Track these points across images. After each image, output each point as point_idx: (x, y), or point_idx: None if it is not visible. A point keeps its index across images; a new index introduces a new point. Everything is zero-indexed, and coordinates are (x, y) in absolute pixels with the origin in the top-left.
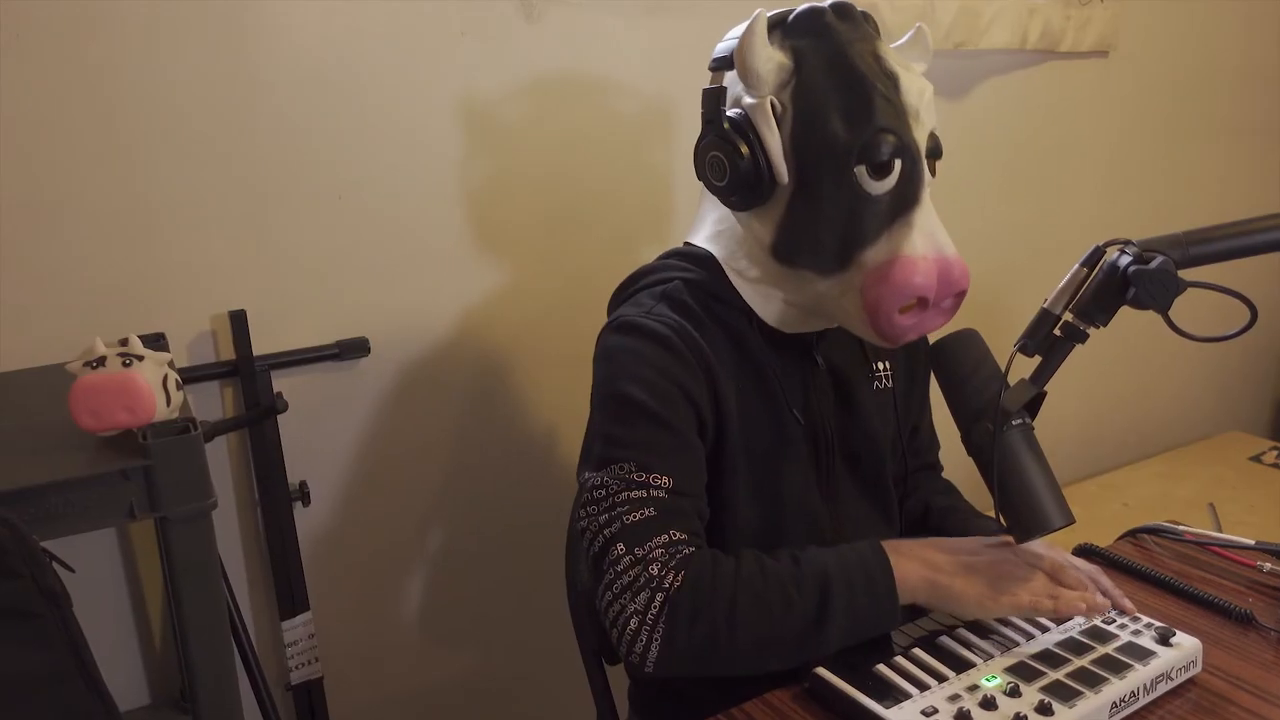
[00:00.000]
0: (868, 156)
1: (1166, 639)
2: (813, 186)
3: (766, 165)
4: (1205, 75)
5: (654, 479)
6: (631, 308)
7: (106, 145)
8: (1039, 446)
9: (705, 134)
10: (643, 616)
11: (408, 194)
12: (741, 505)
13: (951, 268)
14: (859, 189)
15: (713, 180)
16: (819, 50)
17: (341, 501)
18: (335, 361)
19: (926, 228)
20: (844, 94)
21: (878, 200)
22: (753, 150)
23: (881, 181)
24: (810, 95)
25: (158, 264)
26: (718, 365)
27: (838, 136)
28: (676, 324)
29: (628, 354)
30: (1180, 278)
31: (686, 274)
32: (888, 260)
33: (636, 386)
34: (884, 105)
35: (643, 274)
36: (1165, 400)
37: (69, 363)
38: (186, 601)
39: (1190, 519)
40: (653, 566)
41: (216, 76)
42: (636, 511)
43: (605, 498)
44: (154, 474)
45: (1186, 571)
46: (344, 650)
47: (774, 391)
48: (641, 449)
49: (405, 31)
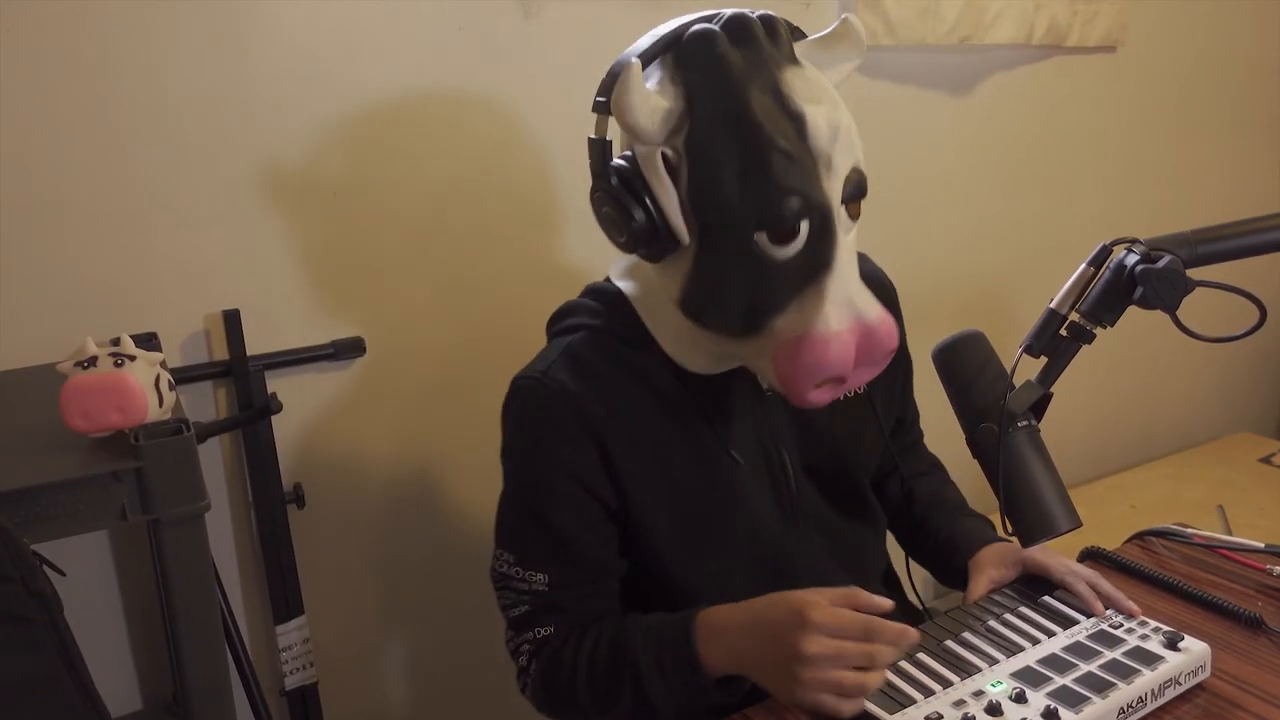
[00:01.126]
0: (768, 223)
1: (1175, 643)
2: (711, 250)
3: (664, 224)
4: (1214, 70)
5: (530, 575)
6: (535, 363)
7: (98, 142)
8: (1045, 449)
9: (595, 188)
10: (523, 688)
11: (404, 192)
12: (670, 562)
13: (873, 333)
14: (762, 255)
15: (612, 235)
16: (713, 91)
17: (337, 504)
18: (330, 361)
19: (840, 295)
20: (739, 151)
21: (784, 266)
22: (646, 207)
23: (786, 247)
24: (703, 151)
25: (150, 262)
26: (615, 431)
27: (732, 201)
28: (565, 390)
29: (522, 431)
30: (1188, 277)
31: (594, 320)
32: (799, 336)
33: (528, 478)
34: (783, 163)
35: (562, 314)
36: (1173, 401)
37: (60, 363)
38: (179, 605)
39: (1199, 521)
40: (522, 657)
41: (210, 73)
42: (517, 607)
43: (500, 584)
44: (146, 476)
45: (1195, 575)
46: (339, 655)
47: (702, 436)
48: (522, 544)
49: (402, 27)
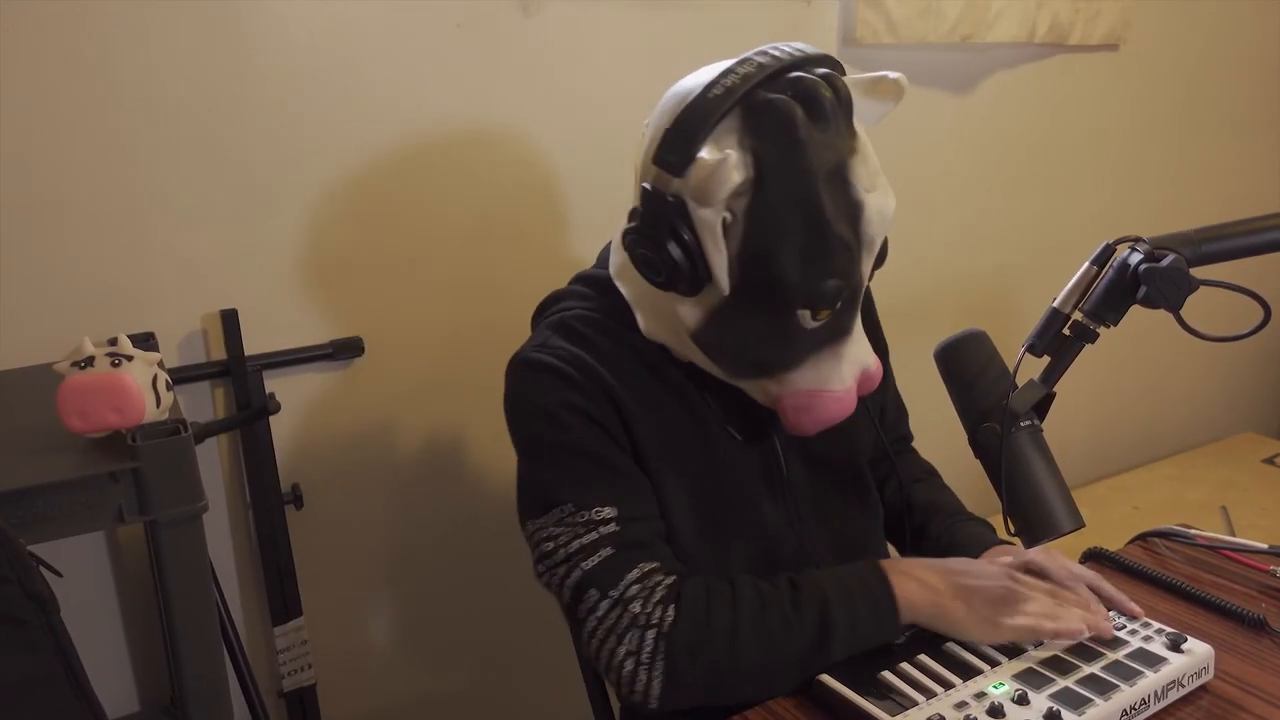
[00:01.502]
0: (813, 303)
1: (1178, 645)
2: (747, 307)
3: (706, 274)
4: (1218, 68)
5: (596, 513)
6: (530, 341)
7: (96, 141)
8: (1048, 448)
9: (640, 232)
10: (637, 656)
11: (403, 191)
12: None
13: (870, 379)
14: (795, 323)
15: (646, 273)
16: (784, 172)
17: (335, 505)
18: (329, 361)
19: (853, 356)
20: (803, 236)
21: (810, 331)
22: (694, 262)
23: (818, 318)
24: (767, 226)
25: (147, 262)
26: (623, 390)
27: (787, 279)
28: (570, 354)
29: (529, 391)
30: (1192, 276)
31: (586, 303)
32: (811, 391)
33: (547, 425)
34: (842, 257)
35: (549, 302)
36: (1177, 401)
37: (56, 363)
38: (177, 607)
39: (1202, 522)
40: (634, 605)
41: (209, 71)
42: (594, 554)
43: (555, 550)
44: (143, 476)
45: (1198, 576)
46: (337, 657)
47: (701, 412)
48: (574, 486)
49: (400, 25)
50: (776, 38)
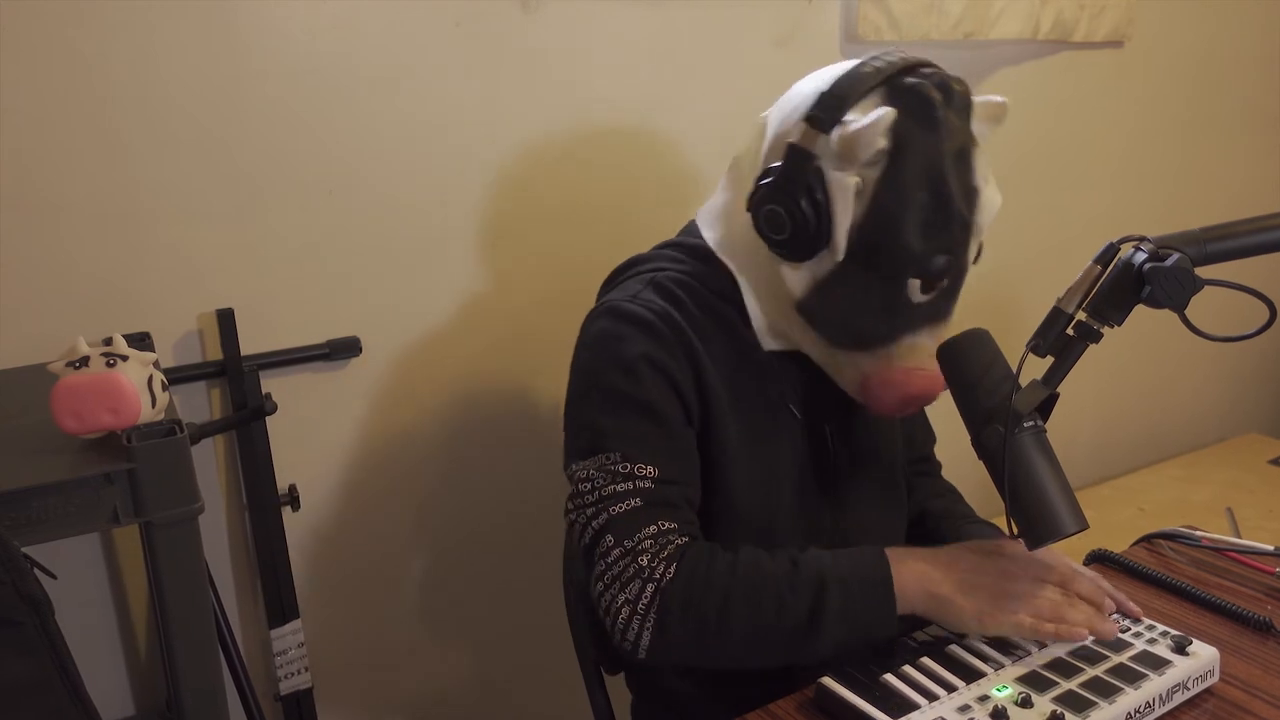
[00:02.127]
0: (925, 273)
1: (1183, 647)
2: (861, 273)
3: (828, 234)
4: (1224, 65)
5: (639, 469)
6: (618, 293)
7: (92, 139)
8: (1051, 450)
9: (778, 186)
10: (634, 606)
11: (401, 189)
12: (738, 497)
13: None
14: (904, 295)
15: (767, 230)
16: (919, 148)
17: (332, 506)
18: (326, 361)
19: (943, 335)
20: (929, 210)
21: (916, 307)
22: (820, 220)
23: (926, 294)
24: (896, 192)
25: (143, 261)
26: (704, 353)
27: (908, 249)
28: (660, 309)
29: (610, 339)
30: (1197, 276)
31: (680, 265)
32: (908, 370)
33: (620, 374)
34: (959, 231)
35: (633, 263)
36: (1182, 401)
37: (51, 363)
38: (172, 609)
39: (1207, 524)
40: (642, 558)
41: (206, 68)
42: (623, 503)
43: (591, 490)
44: (138, 477)
45: (1203, 578)
46: (334, 660)
47: (769, 387)
48: (627, 439)
49: (399, 22)
50: (778, 35)
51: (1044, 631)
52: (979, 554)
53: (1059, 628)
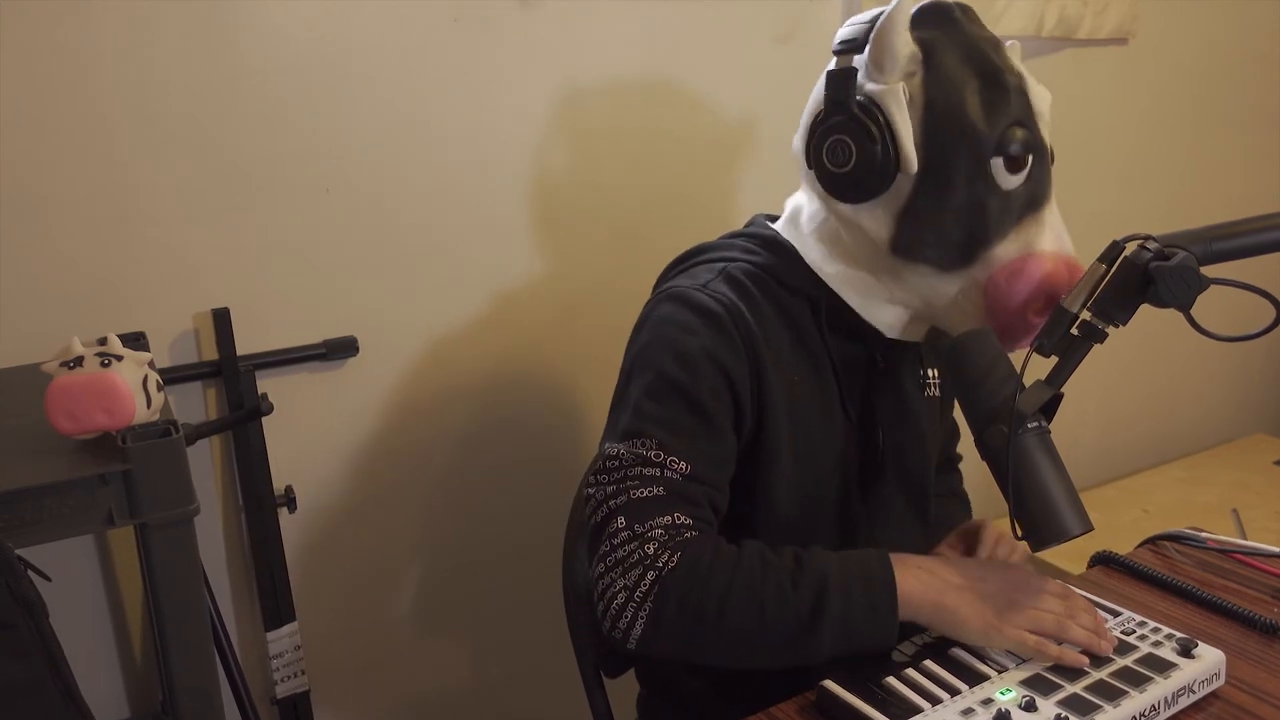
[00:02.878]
0: (1004, 148)
1: (1188, 650)
2: (942, 178)
3: (895, 152)
4: (1229, 62)
5: (671, 461)
6: (686, 279)
7: (85, 135)
8: (1056, 450)
9: (829, 115)
10: (631, 593)
11: (399, 187)
12: (781, 499)
13: (1074, 268)
14: (992, 182)
15: (832, 166)
16: (950, 41)
17: (329, 507)
18: (322, 362)
19: (1056, 226)
20: (981, 83)
21: (1009, 195)
22: (883, 135)
23: (1015, 176)
24: (945, 83)
25: (138, 260)
26: (767, 353)
27: (975, 126)
28: (730, 302)
29: (674, 326)
30: (1203, 274)
31: (751, 256)
32: (1021, 256)
33: (677, 364)
34: (1019, 99)
35: (701, 250)
36: (1187, 402)
37: (45, 363)
38: (168, 611)
39: (1213, 525)
40: (649, 545)
41: (201, 64)
42: (645, 488)
43: (617, 468)
44: (134, 479)
45: (1209, 580)
46: (331, 662)
47: (829, 387)
48: (668, 429)
49: (396, 17)
50: (779, 30)
51: (1048, 653)
52: (984, 564)
53: (1063, 652)
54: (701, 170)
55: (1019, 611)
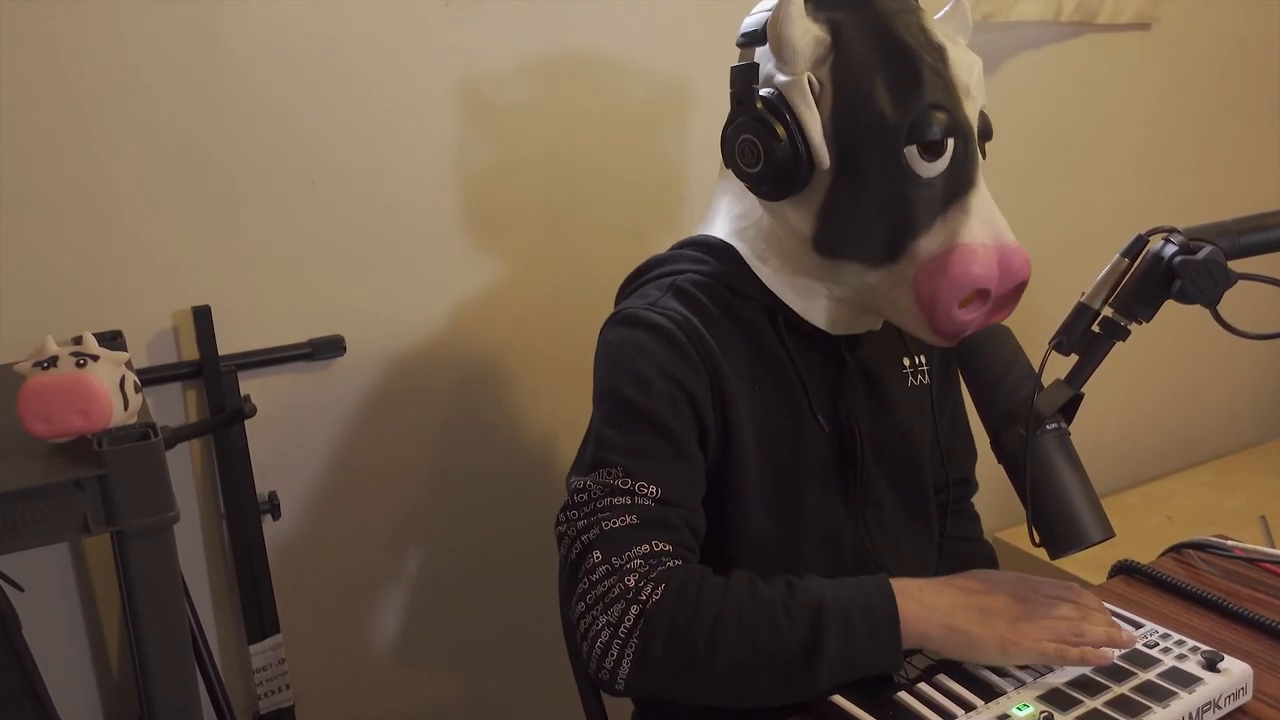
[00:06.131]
0: (918, 135)
1: (1214, 664)
2: (857, 170)
3: (805, 148)
4: (1255, 50)
5: (640, 487)
6: (636, 299)
7: (61, 126)
8: (1075, 453)
9: (735, 115)
10: (615, 629)
11: (388, 181)
12: (755, 517)
13: (1011, 256)
14: (909, 172)
15: (744, 167)
16: (860, 22)
17: (314, 514)
18: (308, 362)
19: (983, 213)
20: (890, 67)
21: (930, 184)
22: (790, 132)
23: (934, 163)
24: (852, 70)
25: (115, 256)
26: (726, 366)
27: (885, 114)
28: (682, 318)
29: (628, 350)
30: (1230, 269)
31: (700, 265)
32: (944, 250)
33: (634, 387)
34: (934, 79)
35: (652, 265)
36: (1214, 403)
37: (17, 363)
38: (146, 623)
39: (1240, 533)
40: (629, 577)
41: (182, 52)
42: (618, 518)
43: (587, 502)
44: (110, 484)
45: (1235, 590)
46: (316, 676)
47: (795, 394)
48: (633, 455)
49: (385, 6)
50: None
51: (1069, 657)
52: (985, 577)
53: (1084, 652)
54: (702, 167)
55: (1032, 621)
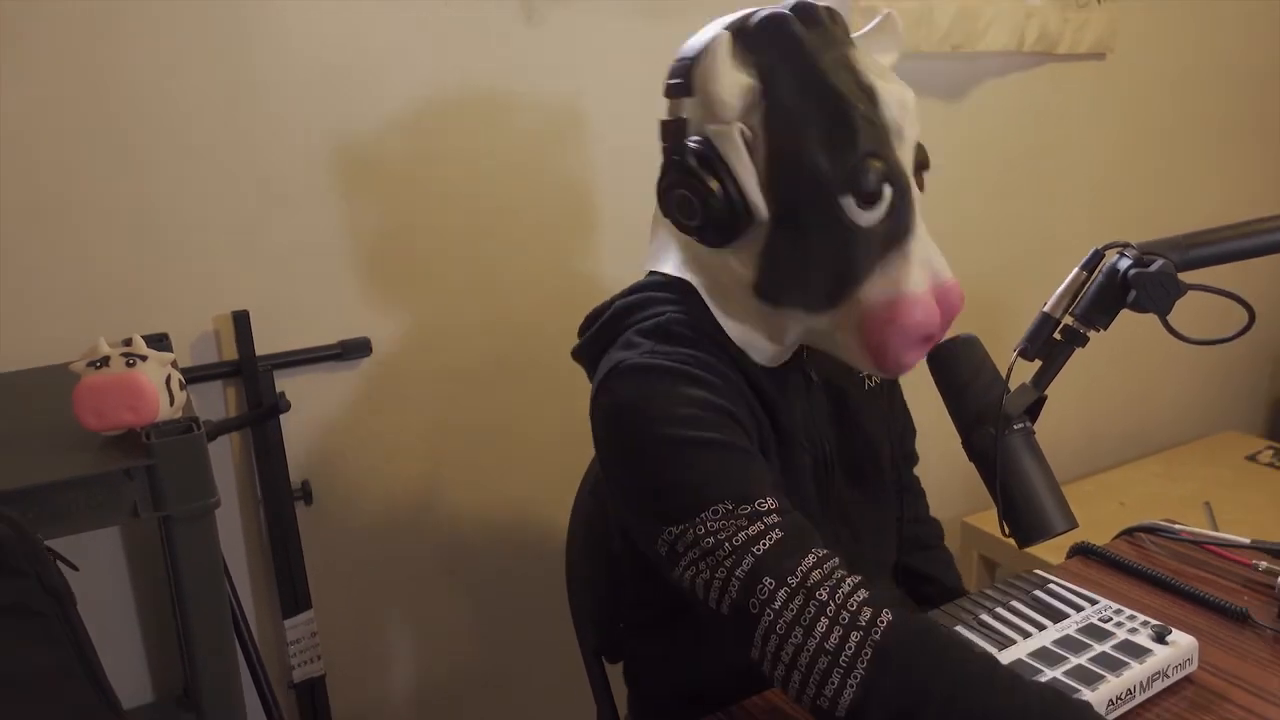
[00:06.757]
0: (854, 185)
1: (1163, 637)
2: (795, 220)
3: (741, 200)
4: (1203, 76)
5: (759, 504)
6: (625, 351)
7: (109, 145)
8: (1040, 450)
9: (667, 170)
10: (834, 656)
11: (411, 194)
12: None
13: (949, 295)
14: (847, 221)
15: (682, 219)
16: (788, 68)
17: (343, 500)
18: (338, 361)
19: (923, 257)
20: (822, 118)
21: (868, 233)
22: (724, 185)
23: (871, 211)
24: (785, 121)
25: (161, 264)
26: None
27: (820, 167)
28: (685, 355)
29: (654, 396)
30: (1181, 281)
31: (677, 309)
32: (889, 300)
33: (683, 425)
34: (867, 128)
35: (625, 311)
36: (1162, 401)
37: (73, 363)
38: (190, 600)
39: (1186, 518)
40: (820, 592)
41: (219, 76)
42: (761, 541)
43: (721, 544)
44: (157, 473)
45: (1183, 570)
46: (346, 648)
47: (783, 421)
48: (727, 482)
49: (406, 33)
50: None
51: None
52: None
53: None
54: None
55: None
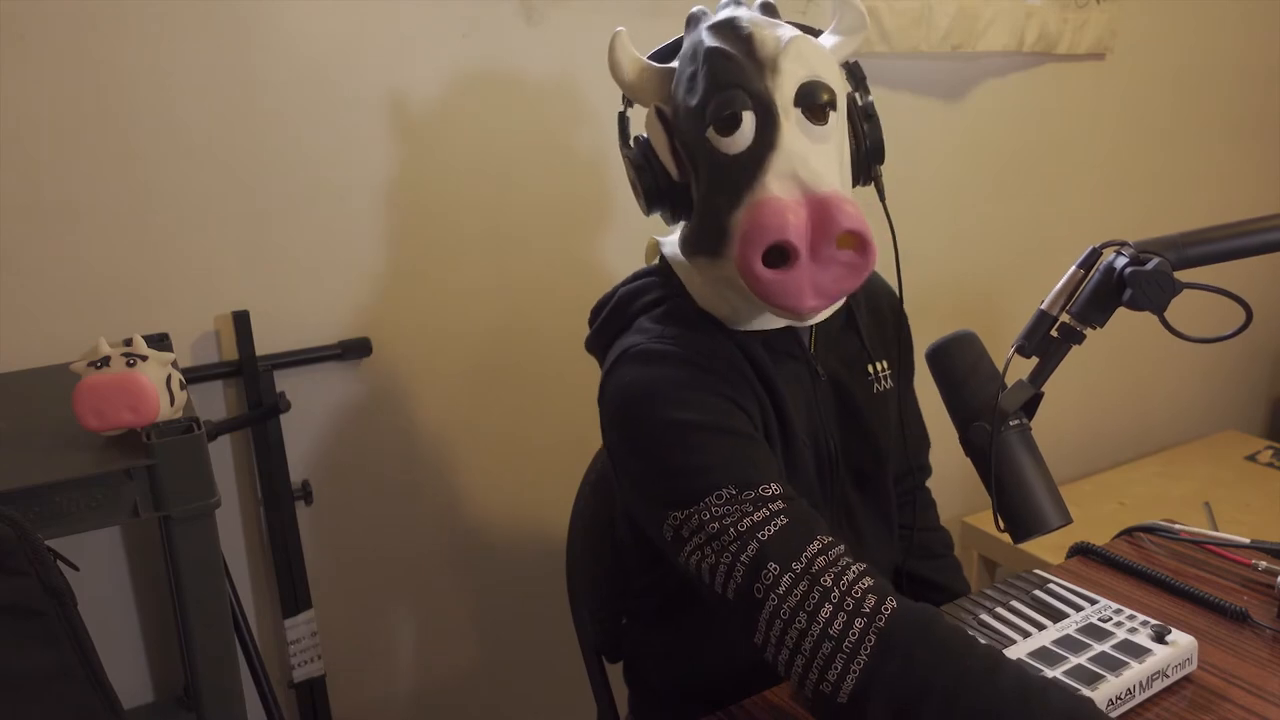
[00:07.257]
0: (714, 116)
1: (1162, 636)
2: (695, 172)
3: (661, 167)
4: (1202, 76)
5: (763, 489)
6: (635, 336)
7: (110, 146)
8: (1036, 447)
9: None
10: (838, 642)
11: (410, 194)
12: None
13: (826, 204)
14: (715, 153)
15: (639, 203)
16: (688, 42)
17: (343, 500)
18: (338, 361)
19: (783, 169)
20: (693, 70)
21: (737, 160)
22: (647, 159)
23: (730, 138)
24: (679, 87)
25: (161, 264)
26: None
27: (690, 109)
28: (689, 339)
29: (659, 381)
30: (1176, 279)
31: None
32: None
33: (689, 411)
34: (723, 65)
35: (630, 297)
36: (1161, 400)
37: (73, 363)
38: (190, 599)
39: (1186, 518)
40: (824, 578)
41: (220, 77)
42: (768, 526)
43: (726, 529)
44: (158, 473)
45: (1182, 570)
46: (346, 647)
47: (785, 412)
48: (731, 467)
49: (407, 33)
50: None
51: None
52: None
53: None
54: None
55: None
